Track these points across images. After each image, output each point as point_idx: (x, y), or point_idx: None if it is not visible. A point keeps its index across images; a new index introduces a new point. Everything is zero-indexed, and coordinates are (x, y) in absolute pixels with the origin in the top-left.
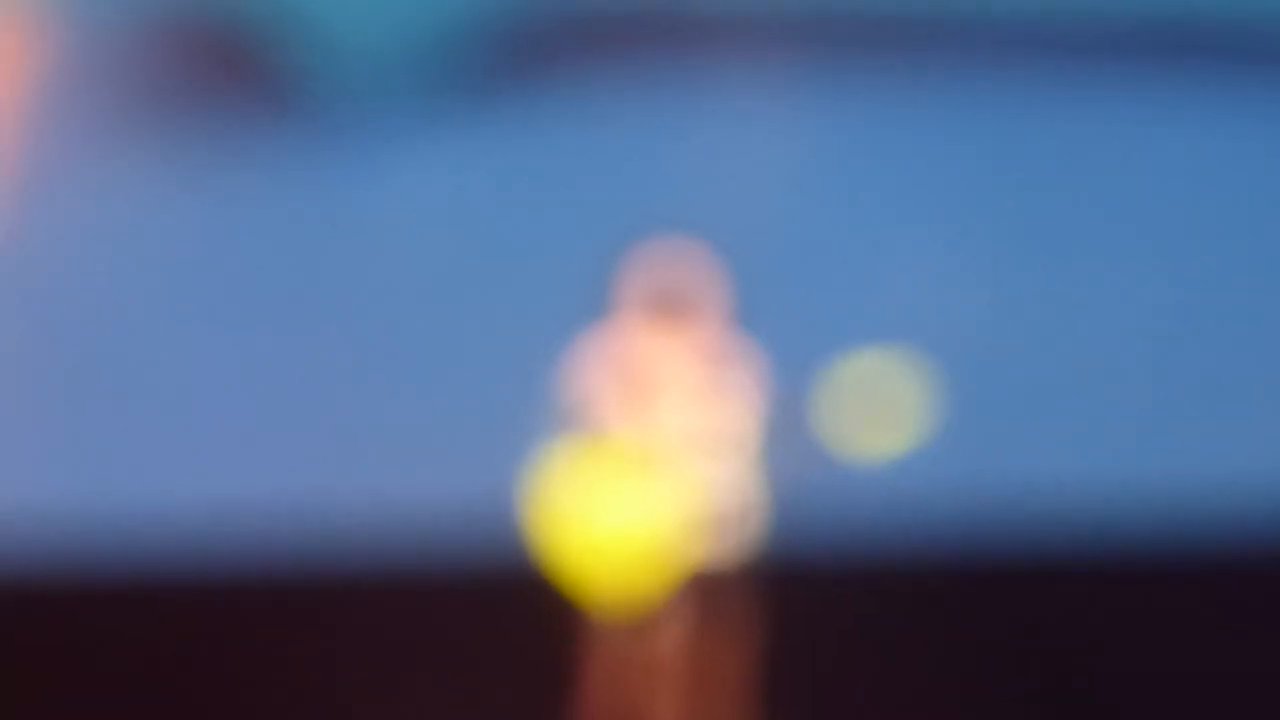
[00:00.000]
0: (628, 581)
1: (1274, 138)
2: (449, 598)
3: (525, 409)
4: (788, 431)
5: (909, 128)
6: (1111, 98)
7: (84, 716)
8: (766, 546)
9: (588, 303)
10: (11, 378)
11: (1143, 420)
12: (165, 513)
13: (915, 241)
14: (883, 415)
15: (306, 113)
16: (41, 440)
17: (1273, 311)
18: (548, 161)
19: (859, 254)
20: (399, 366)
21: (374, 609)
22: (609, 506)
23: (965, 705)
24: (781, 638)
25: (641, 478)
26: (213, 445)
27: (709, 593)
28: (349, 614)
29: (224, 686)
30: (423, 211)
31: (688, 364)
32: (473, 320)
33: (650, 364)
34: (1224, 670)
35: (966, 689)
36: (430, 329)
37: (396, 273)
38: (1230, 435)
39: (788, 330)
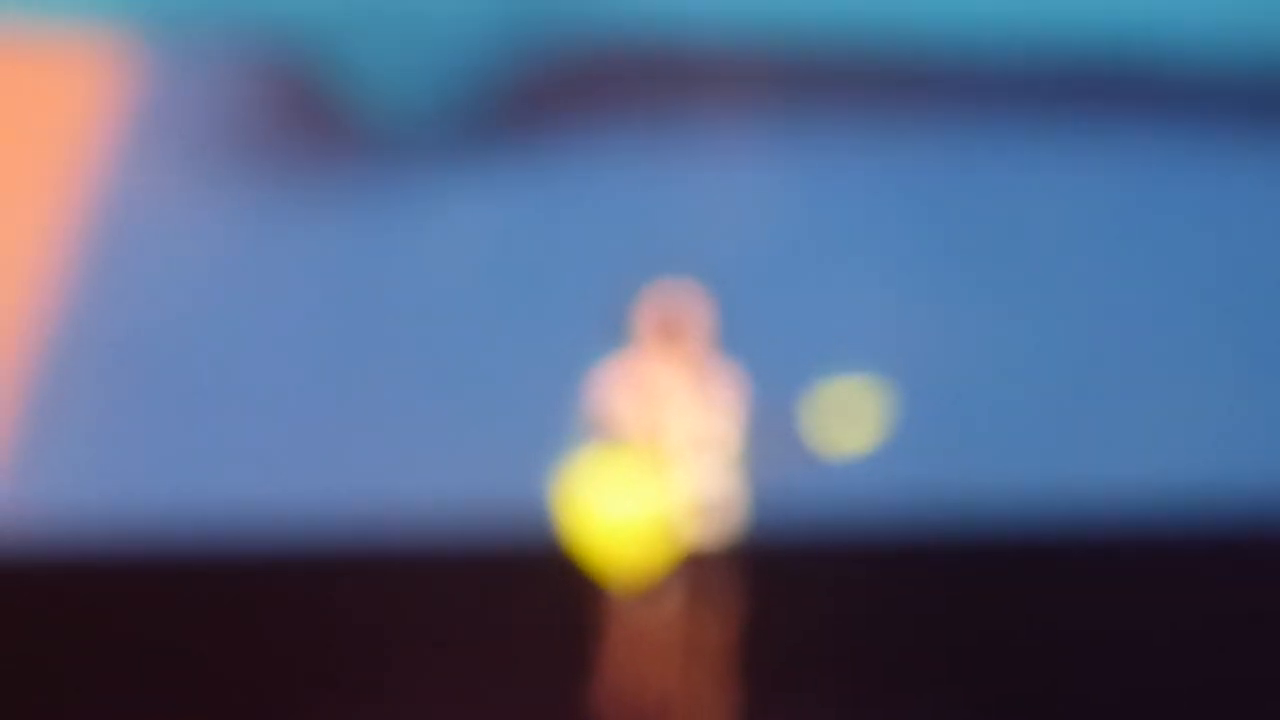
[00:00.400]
0: (635, 560)
1: (1192, 172)
2: (496, 571)
3: (554, 418)
4: (764, 435)
5: (871, 174)
6: (1045, 145)
7: (171, 681)
8: (746, 530)
9: (605, 331)
10: (108, 386)
11: (1064, 422)
12: (261, 500)
13: (872, 273)
14: (845, 420)
15: (356, 148)
16: (144, 438)
17: (1176, 328)
18: (567, 201)
19: (825, 285)
20: (446, 384)
21: (439, 579)
22: (621, 499)
23: (909, 665)
24: (758, 606)
25: (647, 475)
26: (306, 446)
27: (699, 569)
28: (421, 581)
29: (293, 655)
30: (460, 247)
31: (684, 382)
32: (513, 344)
33: (655, 382)
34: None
35: (911, 653)
36: (475, 352)
37: (446, 304)
38: (1144, 435)
39: (766, 350)
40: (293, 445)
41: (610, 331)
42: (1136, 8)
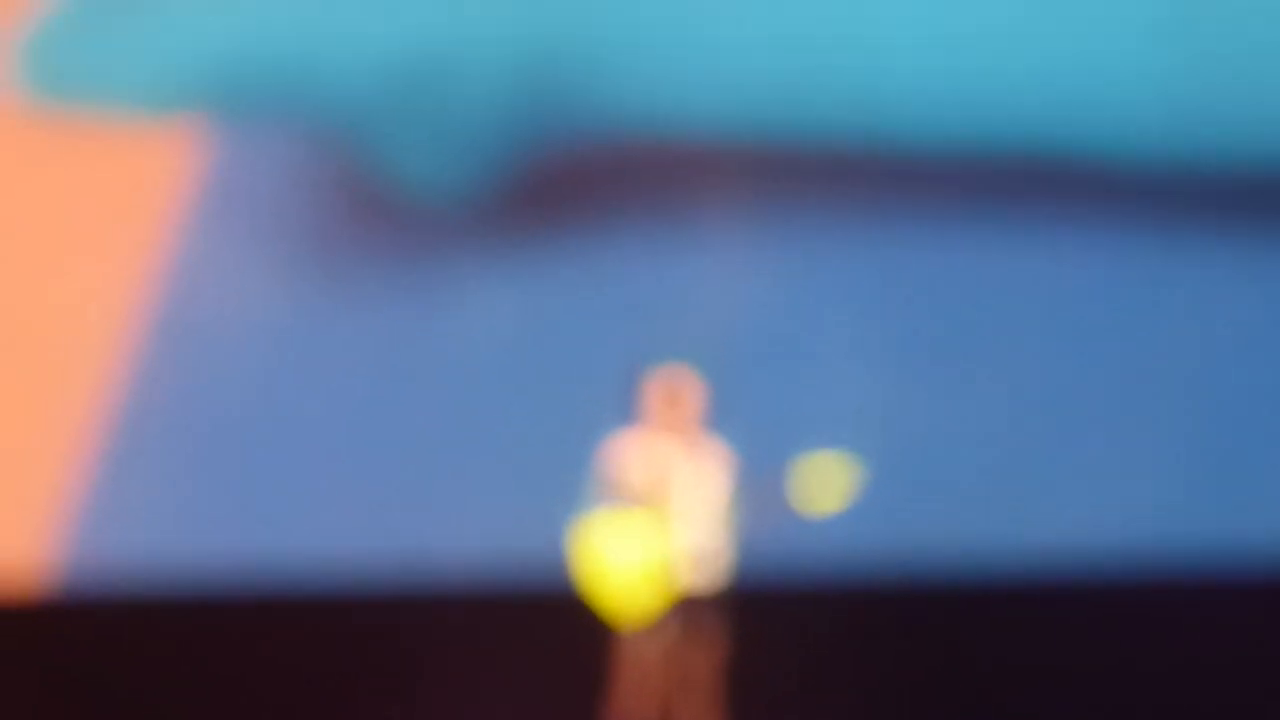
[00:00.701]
0: (639, 601)
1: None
2: (522, 610)
3: (571, 481)
4: (748, 498)
5: (842, 265)
6: (1001, 237)
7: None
8: (731, 577)
9: (615, 411)
10: (176, 447)
11: (1010, 485)
12: (311, 549)
13: (840, 356)
14: (820, 485)
15: (393, 224)
16: (208, 493)
17: (1111, 402)
18: (582, 288)
19: (803, 365)
20: (475, 450)
21: (474, 617)
22: (627, 550)
23: (869, 694)
24: (741, 640)
25: (650, 530)
26: (353, 503)
27: (692, 608)
28: (459, 619)
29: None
30: (487, 328)
31: (682, 452)
32: (536, 417)
33: (657, 451)
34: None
35: (873, 679)
36: (502, 422)
37: (476, 379)
38: (1079, 496)
39: (751, 427)
40: (341, 502)
41: (621, 408)
42: (1089, 106)
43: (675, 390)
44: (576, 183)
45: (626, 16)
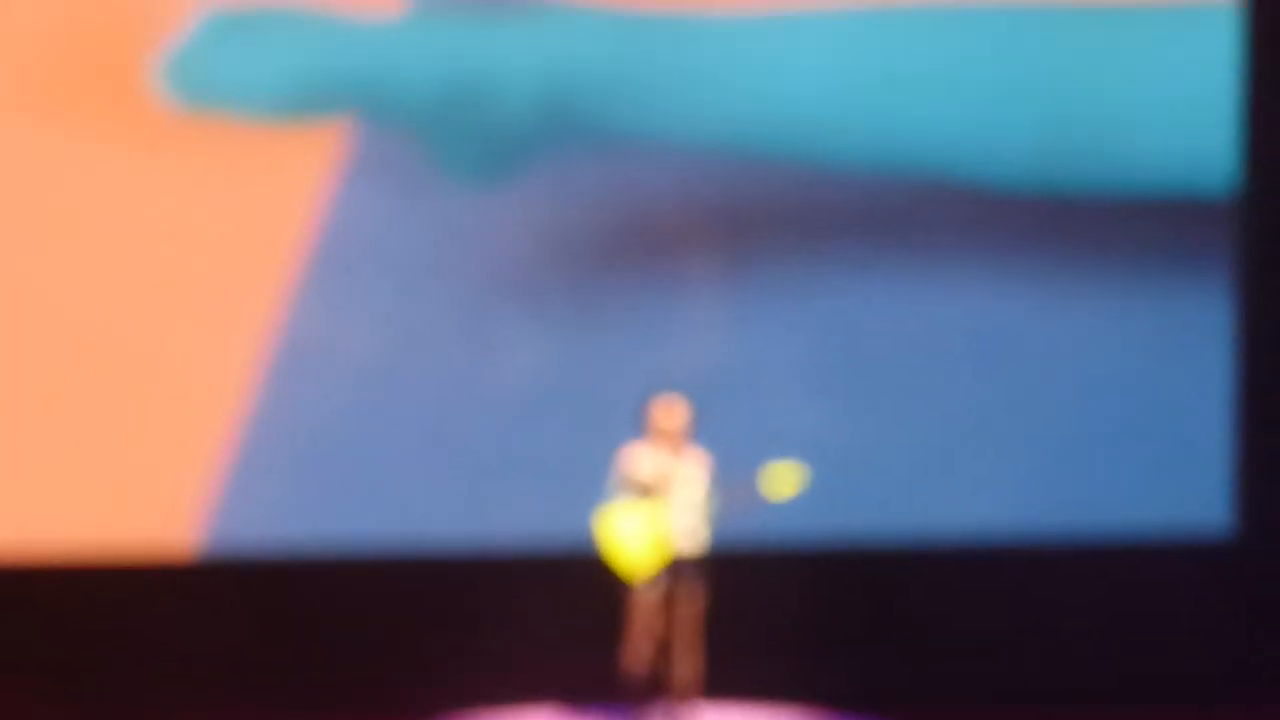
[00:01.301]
0: (642, 563)
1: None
2: (561, 570)
3: (597, 480)
4: (722, 490)
5: (790, 316)
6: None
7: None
8: (709, 546)
9: (629, 427)
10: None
11: (923, 476)
12: (409, 528)
13: (790, 387)
14: (776, 480)
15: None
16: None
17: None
18: (605, 340)
19: (762, 394)
20: (530, 459)
21: (533, 574)
22: (634, 527)
23: (814, 628)
24: (715, 592)
25: (651, 514)
26: (438, 496)
27: (681, 569)
28: (513, 578)
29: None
30: (531, 367)
31: (675, 457)
32: (573, 431)
33: (657, 457)
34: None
35: (814, 622)
36: (548, 436)
37: (525, 405)
38: (978, 482)
39: (726, 441)
40: (428, 495)
41: (633, 425)
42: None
43: (670, 411)
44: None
45: (635, 52)
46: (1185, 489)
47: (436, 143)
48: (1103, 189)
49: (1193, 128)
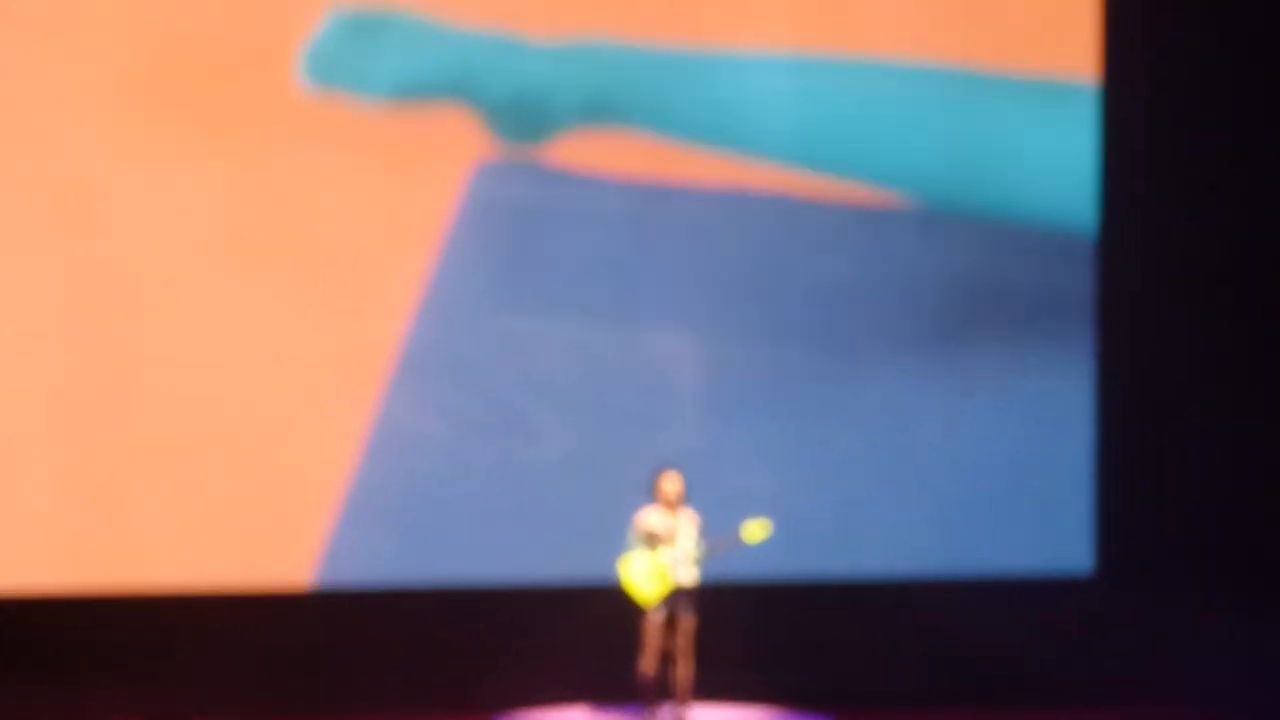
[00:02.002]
0: (651, 592)
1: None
2: (594, 598)
3: (620, 534)
4: (709, 538)
5: (763, 396)
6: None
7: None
8: (700, 579)
9: (641, 494)
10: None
11: (859, 521)
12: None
13: (760, 455)
14: (750, 531)
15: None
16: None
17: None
18: (613, 443)
19: (738, 465)
20: (570, 522)
21: (564, 603)
22: (646, 566)
23: (787, 650)
24: (704, 614)
25: (658, 557)
26: (490, 540)
27: (679, 597)
28: (553, 605)
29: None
30: (567, 457)
31: (676, 515)
32: (600, 499)
33: (663, 516)
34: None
35: (778, 637)
36: (582, 503)
37: (562, 488)
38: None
39: (710, 504)
40: (491, 541)
41: (646, 492)
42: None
43: (671, 480)
44: None
45: (652, 74)
46: (1055, 536)
47: (496, 122)
48: (986, 216)
49: (1059, 178)
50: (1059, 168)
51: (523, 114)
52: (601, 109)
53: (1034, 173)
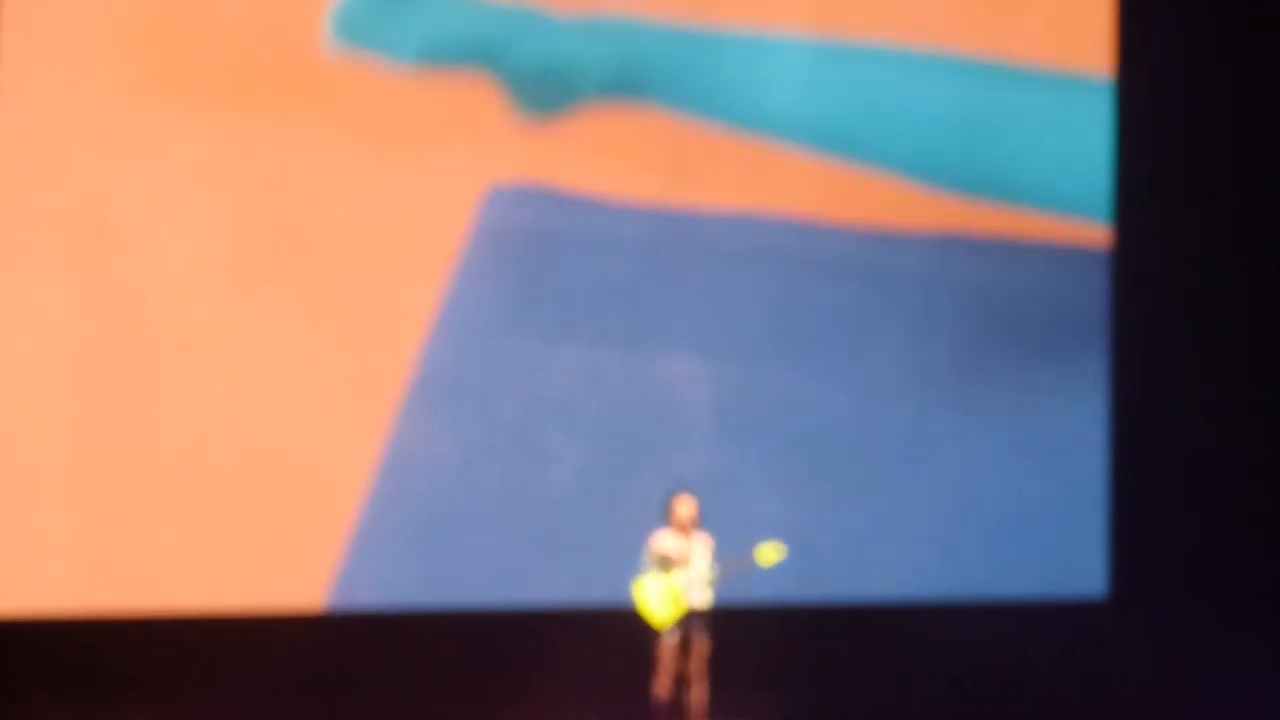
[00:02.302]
0: (666, 616)
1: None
2: (609, 621)
3: (635, 557)
4: (722, 562)
5: (775, 427)
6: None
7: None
8: (714, 603)
9: (653, 518)
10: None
11: (870, 548)
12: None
13: (770, 485)
14: (763, 554)
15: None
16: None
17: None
18: (638, 469)
19: (748, 491)
20: (592, 547)
21: (585, 625)
22: (660, 589)
23: (795, 668)
24: (717, 635)
25: (673, 580)
26: (515, 565)
27: (693, 620)
28: (575, 626)
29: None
30: (590, 484)
31: (689, 539)
32: (618, 524)
33: (677, 540)
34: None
35: (791, 657)
36: (604, 532)
37: (580, 517)
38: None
39: (721, 528)
40: (493, 562)
41: (660, 517)
42: None
43: (685, 504)
44: None
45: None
46: (1068, 558)
47: (520, 92)
48: (1002, 196)
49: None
50: (1074, 159)
51: (545, 85)
52: (623, 84)
53: (1049, 161)
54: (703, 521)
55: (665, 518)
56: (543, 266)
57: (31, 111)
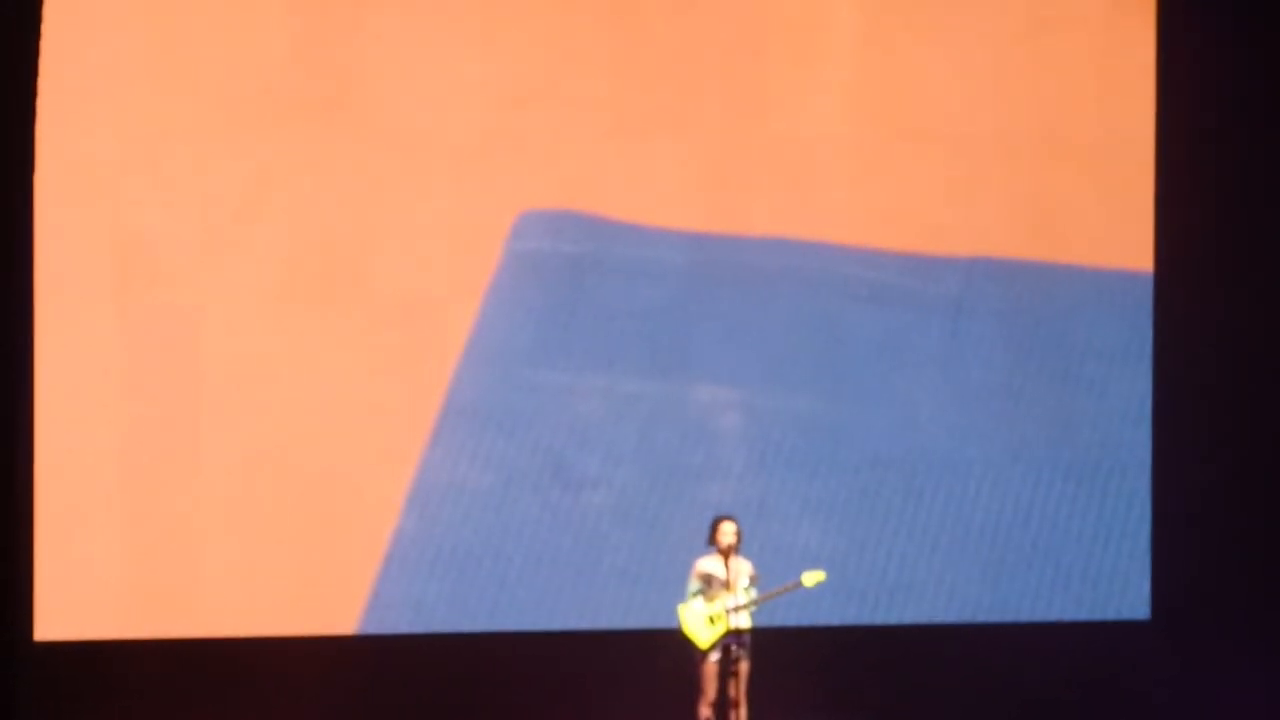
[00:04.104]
0: (709, 635)
1: None
2: (659, 639)
3: (680, 580)
4: (763, 586)
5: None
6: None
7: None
8: (753, 626)
9: (688, 545)
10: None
11: (901, 571)
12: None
13: (811, 516)
14: (808, 576)
15: None
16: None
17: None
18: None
19: (792, 521)
20: (642, 571)
21: (632, 646)
22: (704, 611)
23: (842, 694)
24: (758, 654)
25: (716, 602)
26: (570, 591)
27: (736, 640)
28: (624, 646)
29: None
30: (628, 518)
31: (731, 562)
32: (665, 550)
33: (719, 563)
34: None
35: (832, 676)
36: (648, 554)
37: (616, 537)
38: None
39: (758, 555)
40: (536, 589)
41: (704, 542)
42: None
43: (727, 529)
44: None
45: None
46: (1110, 581)
47: None
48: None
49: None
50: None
51: None
52: None
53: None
54: (742, 547)
55: (708, 542)
56: (575, 292)
57: (79, 141)
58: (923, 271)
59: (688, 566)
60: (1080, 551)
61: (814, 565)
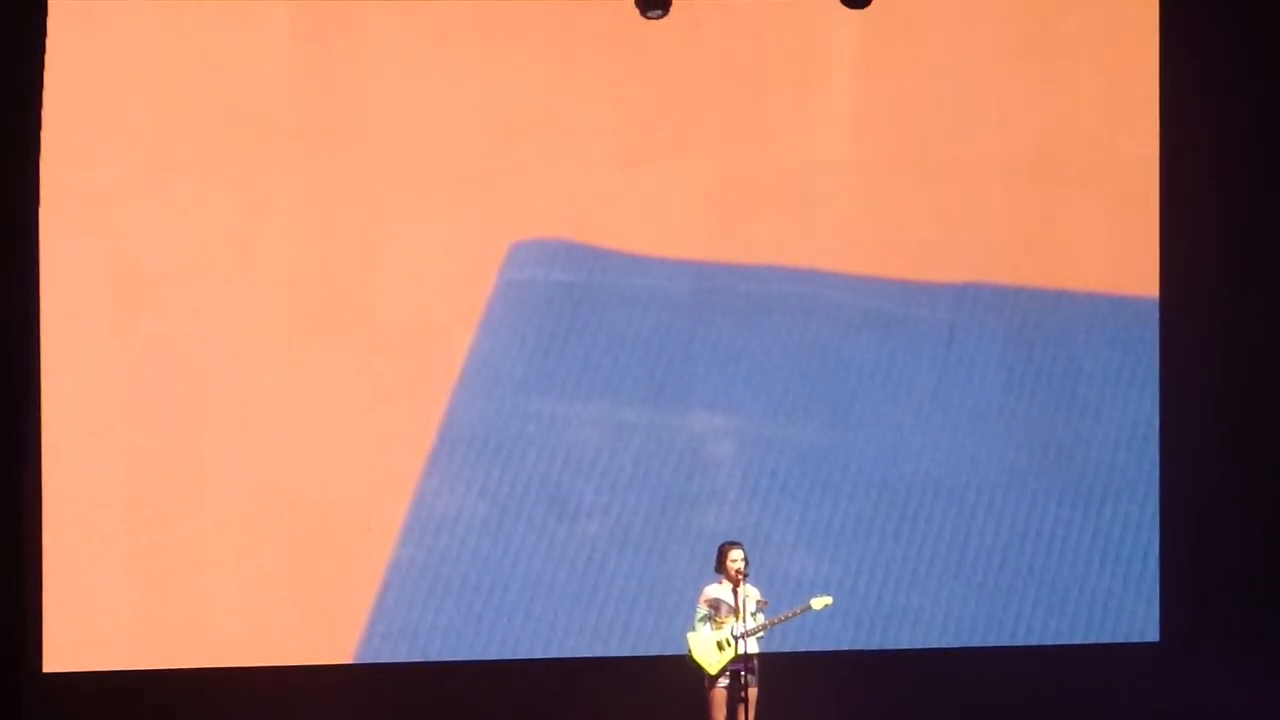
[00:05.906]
0: (717, 662)
1: None
2: (662, 668)
3: (689, 606)
4: (770, 611)
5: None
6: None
7: None
8: (762, 649)
9: (684, 573)
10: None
11: (906, 597)
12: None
13: (814, 542)
14: (816, 600)
15: None
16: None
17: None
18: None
19: (781, 548)
20: (648, 598)
21: (640, 673)
22: (712, 637)
23: (851, 718)
24: (765, 681)
25: (724, 628)
26: (578, 621)
27: (744, 665)
28: (632, 674)
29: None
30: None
31: (739, 589)
32: (674, 576)
33: (728, 589)
34: None
35: (853, 713)
36: (657, 579)
37: (618, 566)
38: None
39: (755, 581)
40: (533, 617)
41: (702, 569)
42: None
43: (734, 555)
44: None
45: None
46: (1120, 603)
47: None
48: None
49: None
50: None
51: None
52: None
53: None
54: (751, 575)
55: (716, 569)
56: (572, 320)
57: (82, 172)
58: (921, 297)
59: (685, 594)
60: (1085, 574)
61: (811, 592)
